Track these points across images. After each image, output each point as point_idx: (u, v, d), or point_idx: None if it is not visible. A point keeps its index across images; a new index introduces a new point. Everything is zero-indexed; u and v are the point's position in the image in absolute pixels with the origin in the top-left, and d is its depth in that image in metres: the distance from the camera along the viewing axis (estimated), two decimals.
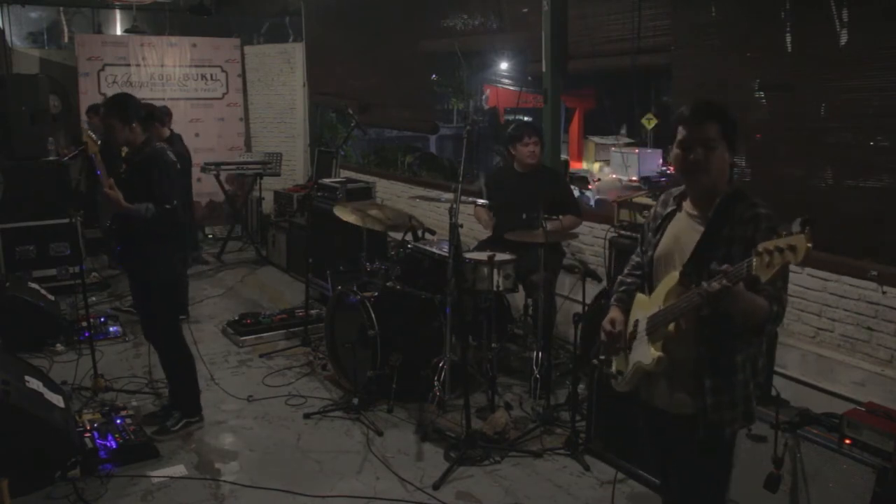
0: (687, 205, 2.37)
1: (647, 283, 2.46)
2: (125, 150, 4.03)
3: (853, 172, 3.94)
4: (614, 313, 2.52)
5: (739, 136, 2.28)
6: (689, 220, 2.33)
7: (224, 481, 3.64)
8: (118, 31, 12.75)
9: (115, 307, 6.38)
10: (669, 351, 2.26)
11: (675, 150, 2.31)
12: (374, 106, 8.34)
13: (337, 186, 6.59)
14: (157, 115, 6.21)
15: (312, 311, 5.82)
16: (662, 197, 2.52)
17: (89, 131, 4.46)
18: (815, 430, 2.86)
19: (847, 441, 2.74)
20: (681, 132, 2.28)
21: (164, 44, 9.42)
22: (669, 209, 2.42)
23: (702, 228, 2.26)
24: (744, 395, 2.26)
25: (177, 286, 4.18)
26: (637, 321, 2.40)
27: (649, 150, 9.54)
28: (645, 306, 2.38)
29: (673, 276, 2.24)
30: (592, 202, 8.38)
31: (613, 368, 2.51)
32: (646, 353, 2.31)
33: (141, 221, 3.81)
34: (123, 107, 3.90)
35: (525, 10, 6.26)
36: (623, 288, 2.60)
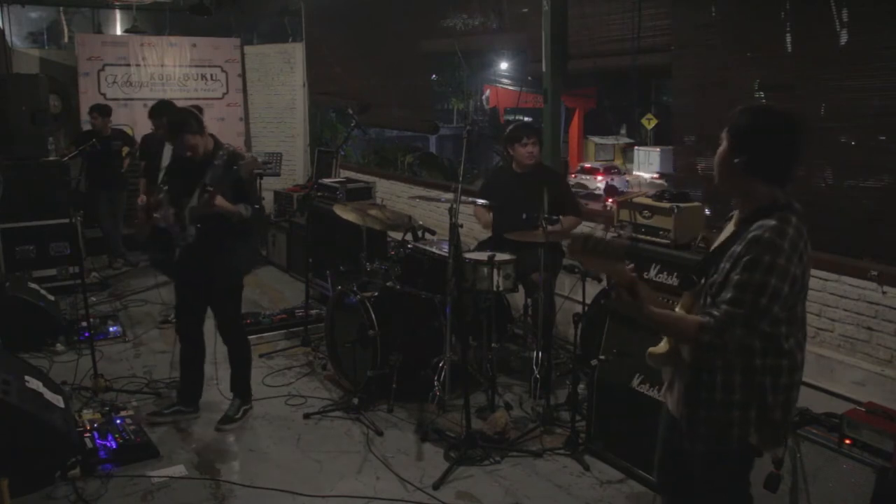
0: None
1: None
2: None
3: (853, 172, 3.94)
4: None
5: (746, 142, 2.10)
6: (732, 227, 2.27)
7: (224, 481, 3.64)
8: (118, 31, 12.77)
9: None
10: (675, 351, 2.25)
11: None
12: (374, 106, 8.36)
13: (337, 186, 6.59)
14: None
15: (312, 311, 5.81)
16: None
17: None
18: (815, 430, 2.86)
19: (847, 441, 2.74)
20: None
21: (164, 44, 9.43)
22: (733, 212, 2.35)
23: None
24: (723, 418, 2.15)
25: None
26: None
27: (670, 147, 9.90)
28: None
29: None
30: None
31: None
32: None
33: (239, 221, 3.99)
34: (196, 116, 4.06)
35: (525, 10, 6.27)
36: None
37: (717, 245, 2.26)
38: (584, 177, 23.29)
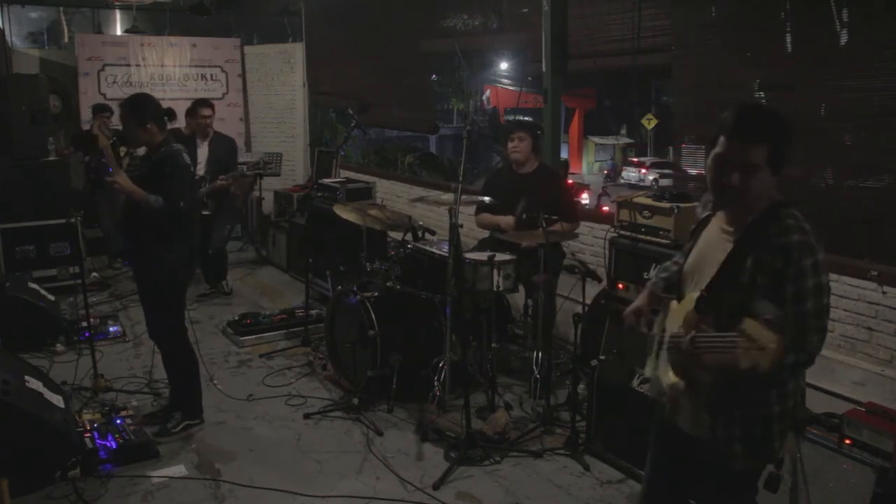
0: (720, 214, 2.11)
1: (677, 290, 2.25)
2: (124, 148, 4.04)
3: (853, 172, 3.94)
4: (640, 300, 2.33)
5: (779, 143, 1.97)
6: (721, 235, 2.07)
7: (224, 481, 3.64)
8: (118, 31, 12.79)
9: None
10: (687, 375, 2.11)
11: (709, 163, 1.99)
12: (374, 106, 8.36)
13: (337, 186, 6.59)
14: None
15: (312, 311, 5.81)
16: (704, 197, 2.23)
17: (100, 125, 4.48)
18: (815, 430, 2.86)
19: (847, 441, 2.74)
20: (721, 145, 1.95)
21: (164, 44, 9.42)
22: (705, 213, 2.18)
23: (730, 247, 2.02)
24: (763, 433, 2.07)
25: (183, 287, 4.17)
26: (664, 330, 2.22)
27: None
28: (674, 317, 2.18)
29: (691, 299, 2.07)
30: None
31: (647, 372, 2.33)
32: (665, 372, 2.19)
33: (150, 211, 3.83)
34: (141, 107, 3.93)
35: (525, 10, 6.27)
36: (664, 275, 2.39)
37: (698, 247, 2.14)
38: (630, 169, 28.16)
